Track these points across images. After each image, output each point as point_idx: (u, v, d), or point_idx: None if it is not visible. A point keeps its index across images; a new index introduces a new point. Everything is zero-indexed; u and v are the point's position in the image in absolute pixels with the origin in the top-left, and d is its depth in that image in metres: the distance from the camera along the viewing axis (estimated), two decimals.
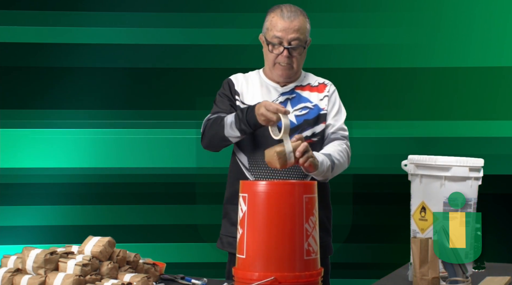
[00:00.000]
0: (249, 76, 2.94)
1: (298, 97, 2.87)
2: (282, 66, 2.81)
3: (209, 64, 4.67)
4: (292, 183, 2.34)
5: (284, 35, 2.76)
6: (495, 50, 4.59)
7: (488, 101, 4.61)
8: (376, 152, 4.63)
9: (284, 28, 2.76)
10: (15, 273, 2.30)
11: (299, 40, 2.78)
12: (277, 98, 2.85)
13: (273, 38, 2.78)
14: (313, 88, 2.91)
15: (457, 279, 2.39)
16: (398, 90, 4.69)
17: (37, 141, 4.68)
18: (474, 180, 2.61)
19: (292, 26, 2.76)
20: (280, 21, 2.77)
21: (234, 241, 2.78)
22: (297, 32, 2.77)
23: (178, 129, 4.66)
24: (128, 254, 2.46)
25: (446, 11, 4.63)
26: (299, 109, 2.85)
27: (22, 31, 4.68)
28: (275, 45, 2.79)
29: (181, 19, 4.73)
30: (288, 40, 2.77)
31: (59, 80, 4.71)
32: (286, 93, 2.87)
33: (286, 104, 2.84)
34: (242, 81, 2.91)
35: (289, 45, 2.77)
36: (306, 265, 2.26)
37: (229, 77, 2.95)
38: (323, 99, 2.89)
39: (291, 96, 2.86)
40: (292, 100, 2.86)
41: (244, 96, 2.87)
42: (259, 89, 2.87)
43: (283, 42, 2.77)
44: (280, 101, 2.84)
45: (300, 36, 2.78)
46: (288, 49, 2.78)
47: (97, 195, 4.71)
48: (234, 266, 2.33)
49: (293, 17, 2.77)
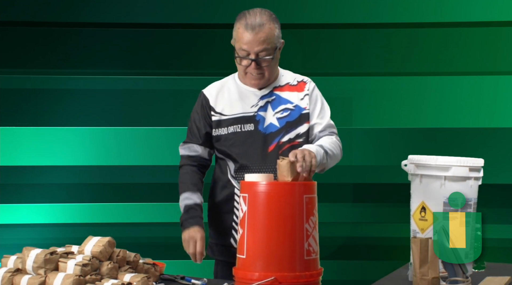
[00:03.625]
0: (225, 84, 2.86)
1: (278, 99, 2.80)
2: (253, 76, 2.74)
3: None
4: (292, 183, 2.34)
5: (250, 48, 2.66)
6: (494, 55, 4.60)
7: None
8: (377, 151, 4.64)
9: (249, 41, 2.64)
10: (15, 273, 2.30)
11: (266, 51, 2.67)
12: (257, 103, 2.79)
13: (240, 51, 2.69)
14: (292, 87, 2.83)
15: (457, 279, 2.39)
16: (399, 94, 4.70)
17: (37, 139, 4.68)
18: (474, 180, 2.61)
19: (257, 38, 2.64)
20: (244, 34, 2.65)
21: (225, 250, 2.80)
22: (264, 43, 2.65)
23: (179, 128, 4.66)
24: (128, 254, 2.46)
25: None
26: (280, 111, 2.79)
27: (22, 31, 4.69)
28: (242, 58, 2.70)
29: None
30: (255, 52, 2.67)
31: (60, 80, 4.71)
32: (265, 96, 2.80)
33: (267, 107, 2.78)
34: (216, 93, 2.83)
35: (256, 57, 2.68)
36: (306, 265, 2.27)
37: (202, 91, 2.86)
38: (303, 99, 2.81)
39: (270, 99, 2.80)
40: (272, 103, 2.80)
41: (221, 107, 2.80)
42: (237, 96, 2.80)
43: (250, 55, 2.68)
44: (260, 106, 2.78)
45: (268, 46, 2.66)
46: (256, 61, 2.69)
47: (97, 194, 4.70)
48: (226, 272, 2.32)
49: (258, 28, 2.64)
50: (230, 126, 2.78)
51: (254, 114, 2.78)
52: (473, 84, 4.60)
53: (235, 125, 2.77)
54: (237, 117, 2.78)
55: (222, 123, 2.78)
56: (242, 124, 2.77)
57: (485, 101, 4.61)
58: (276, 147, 2.74)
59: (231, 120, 2.78)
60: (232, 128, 2.77)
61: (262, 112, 2.78)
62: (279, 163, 2.42)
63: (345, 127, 4.58)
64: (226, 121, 2.78)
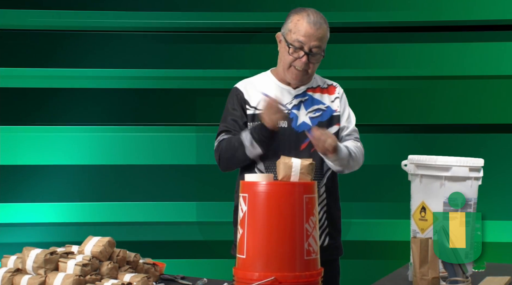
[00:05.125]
0: (258, 81, 2.90)
1: (311, 100, 2.86)
2: (298, 70, 2.78)
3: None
4: (292, 183, 2.34)
5: (307, 41, 2.73)
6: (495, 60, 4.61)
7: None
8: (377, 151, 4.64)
9: (309, 34, 2.73)
10: (15, 273, 2.30)
11: (319, 48, 2.76)
12: (291, 101, 2.84)
13: (295, 42, 2.74)
14: (324, 90, 2.91)
15: (457, 279, 2.39)
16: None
17: (37, 138, 4.68)
18: (474, 180, 2.61)
19: (316, 33, 2.73)
20: (305, 26, 2.73)
21: None
22: (320, 40, 2.74)
23: (179, 127, 4.66)
24: (128, 254, 2.46)
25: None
26: (312, 111, 2.84)
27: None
28: (295, 49, 2.75)
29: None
30: (310, 46, 2.74)
31: (60, 79, 4.71)
32: (299, 95, 2.86)
33: (300, 106, 2.83)
34: (250, 88, 2.86)
35: (309, 52, 2.75)
36: (306, 265, 2.26)
37: (235, 87, 2.90)
38: (334, 101, 2.89)
39: (303, 99, 2.85)
40: (305, 103, 2.85)
41: (255, 102, 2.83)
42: (272, 93, 2.81)
43: (304, 47, 2.74)
44: (294, 104, 2.83)
45: (322, 45, 2.76)
46: (308, 55, 2.75)
47: (97, 193, 4.70)
48: None
49: (319, 25, 2.74)
50: None
51: (288, 112, 2.80)
52: (476, 85, 4.61)
53: None
54: None
55: (256, 118, 2.79)
56: None
57: (485, 101, 4.62)
58: (308, 146, 2.77)
59: None
60: None
61: (295, 110, 2.82)
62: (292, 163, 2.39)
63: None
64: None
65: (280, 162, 2.39)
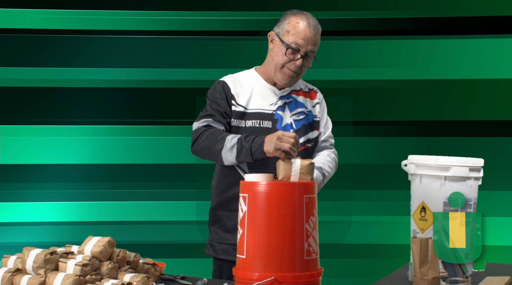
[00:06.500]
0: (243, 78, 2.86)
1: (294, 102, 2.86)
2: (290, 71, 2.77)
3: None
4: (292, 183, 2.34)
5: (305, 44, 2.73)
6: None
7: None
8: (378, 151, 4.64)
9: (308, 37, 2.73)
10: (15, 273, 2.30)
11: (313, 52, 2.77)
12: (276, 102, 2.82)
13: (292, 43, 2.73)
14: (306, 93, 2.91)
15: (457, 279, 2.39)
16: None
17: (37, 138, 4.68)
18: (474, 180, 2.60)
19: (314, 38, 2.74)
20: (305, 30, 2.73)
21: (229, 248, 2.77)
22: (315, 45, 2.76)
23: (179, 126, 4.66)
24: (128, 254, 2.46)
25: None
26: (296, 114, 2.84)
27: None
28: (293, 51, 2.74)
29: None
30: (306, 50, 2.74)
31: (60, 79, 4.71)
32: (284, 97, 2.85)
33: (284, 108, 2.82)
34: (236, 84, 2.82)
35: (305, 55, 2.75)
36: (306, 265, 2.26)
37: (221, 80, 2.84)
38: (315, 106, 2.90)
39: (288, 101, 2.85)
40: (289, 105, 2.84)
41: (241, 99, 2.80)
42: (257, 91, 2.82)
43: (300, 50, 2.74)
44: (279, 105, 2.82)
45: (315, 50, 2.77)
46: (303, 59, 2.75)
47: (97, 193, 4.70)
48: (230, 271, 2.32)
49: (317, 30, 2.76)
50: (248, 121, 2.78)
51: (273, 113, 2.80)
52: (476, 85, 4.62)
53: (254, 120, 2.78)
54: (257, 112, 2.78)
55: (242, 116, 2.77)
56: (260, 120, 2.78)
57: (486, 102, 4.62)
58: None
59: (251, 114, 2.78)
60: (251, 123, 2.78)
61: (280, 111, 2.82)
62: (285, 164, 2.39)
63: (345, 127, 4.59)
64: (246, 114, 2.78)
65: (280, 162, 2.39)
